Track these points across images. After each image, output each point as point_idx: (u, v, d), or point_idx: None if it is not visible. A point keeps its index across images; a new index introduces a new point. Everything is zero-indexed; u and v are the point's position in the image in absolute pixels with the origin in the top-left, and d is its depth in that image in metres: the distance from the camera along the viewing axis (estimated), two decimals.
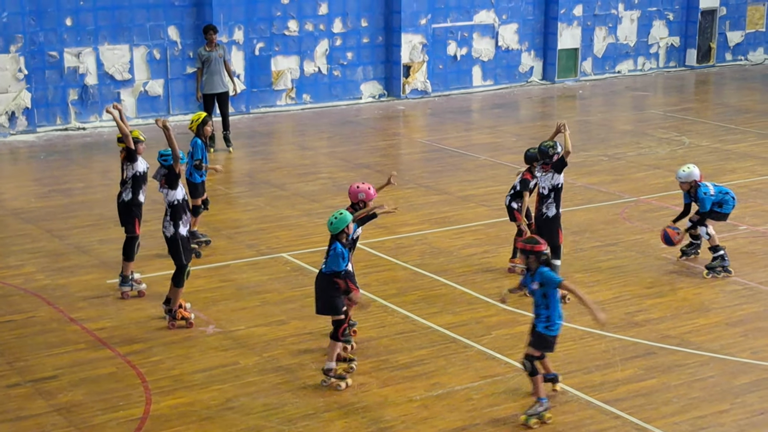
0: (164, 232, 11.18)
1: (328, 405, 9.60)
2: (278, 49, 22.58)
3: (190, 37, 21.49)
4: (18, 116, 20.02)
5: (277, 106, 22.73)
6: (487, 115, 22.98)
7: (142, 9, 21.07)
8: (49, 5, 20.23)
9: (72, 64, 20.56)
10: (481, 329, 11.29)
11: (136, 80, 21.22)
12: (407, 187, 16.75)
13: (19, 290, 12.31)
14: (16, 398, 9.66)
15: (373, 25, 23.61)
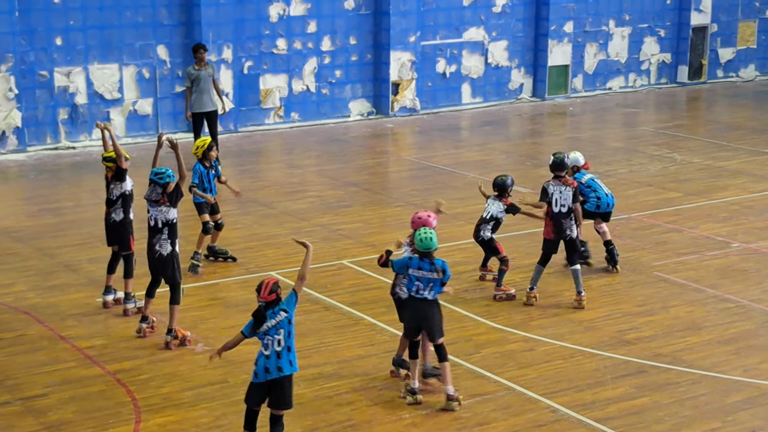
0: (159, 251, 11.14)
1: (317, 423, 9.58)
2: (267, 68, 22.60)
3: (179, 56, 21.50)
4: (8, 135, 19.99)
5: (265, 124, 22.74)
6: (476, 132, 23.02)
7: (132, 28, 21.08)
8: (40, 25, 20.24)
9: (62, 84, 20.55)
10: (470, 347, 11.27)
11: (125, 99, 21.22)
12: (396, 205, 16.75)
13: (9, 308, 12.31)
14: (6, 416, 9.68)
15: (362, 43, 23.65)
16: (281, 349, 8.54)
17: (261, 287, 8.57)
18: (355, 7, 23.45)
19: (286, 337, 8.55)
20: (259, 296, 8.55)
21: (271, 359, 8.53)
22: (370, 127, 23.20)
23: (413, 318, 10.00)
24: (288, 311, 8.58)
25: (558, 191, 12.45)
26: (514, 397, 10.15)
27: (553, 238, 12.51)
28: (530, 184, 18.17)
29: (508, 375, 10.59)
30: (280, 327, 8.54)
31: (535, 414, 9.82)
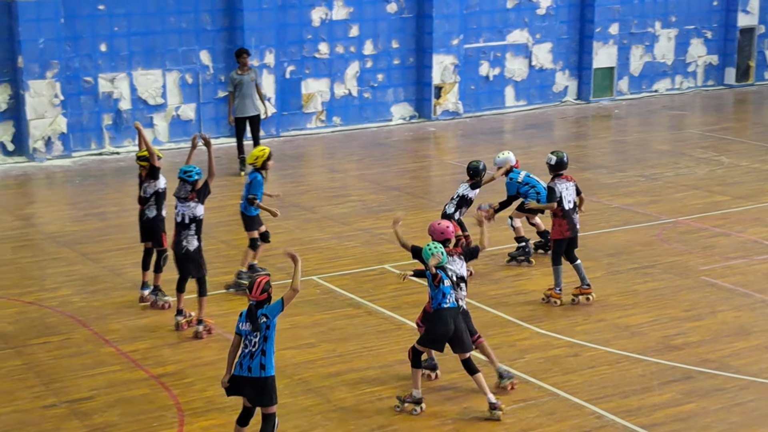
0: (186, 246, 11.45)
1: (359, 427, 9.54)
2: (309, 72, 22.62)
3: (222, 61, 21.58)
4: (54, 141, 20.16)
5: (307, 128, 22.76)
6: (520, 135, 22.88)
7: (175, 34, 21.18)
8: (85, 31, 20.39)
9: (106, 90, 20.70)
10: (513, 353, 11.18)
11: (168, 105, 21.32)
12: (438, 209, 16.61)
13: (56, 312, 12.41)
14: (53, 419, 9.75)
15: (405, 47, 23.61)
16: (255, 351, 8.58)
17: (253, 286, 8.62)
18: (398, 10, 23.42)
19: (261, 341, 8.58)
20: (250, 295, 8.61)
21: (245, 358, 8.61)
22: (412, 130, 23.14)
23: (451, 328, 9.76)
24: (269, 317, 8.61)
25: (565, 188, 12.49)
26: (559, 402, 10.04)
27: (568, 237, 12.52)
28: None
29: (553, 380, 10.49)
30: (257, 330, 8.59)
31: (579, 420, 9.71)
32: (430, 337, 9.82)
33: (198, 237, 11.51)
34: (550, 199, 12.48)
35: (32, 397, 10.17)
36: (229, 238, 15.31)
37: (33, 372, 10.73)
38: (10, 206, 17.42)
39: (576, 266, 12.62)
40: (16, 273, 13.91)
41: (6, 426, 9.58)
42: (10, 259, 14.45)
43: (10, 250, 14.85)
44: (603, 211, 16.65)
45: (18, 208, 17.32)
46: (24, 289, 13.23)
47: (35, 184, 19.05)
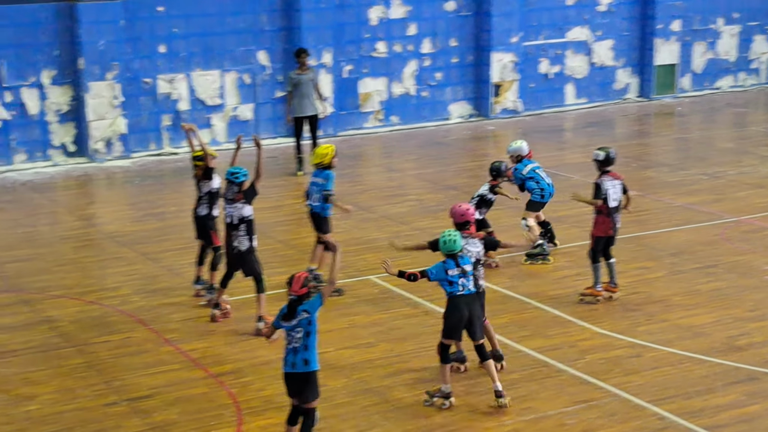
0: (237, 247, 11.58)
1: (418, 428, 9.48)
2: (366, 71, 22.60)
3: (280, 61, 21.63)
4: (114, 142, 20.34)
5: (364, 128, 22.73)
6: (580, 133, 22.67)
7: (233, 35, 21.27)
8: (144, 33, 20.55)
9: (165, 91, 20.85)
10: (574, 353, 11.05)
11: (226, 105, 21.43)
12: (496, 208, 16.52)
13: (116, 311, 12.51)
14: (114, 416, 9.85)
15: (463, 45, 23.50)
16: (299, 347, 8.60)
17: (292, 281, 8.61)
18: (456, 8, 23.32)
19: (304, 337, 8.59)
20: (290, 290, 8.60)
21: (289, 355, 8.63)
22: (470, 129, 23.02)
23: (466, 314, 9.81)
24: (310, 313, 8.61)
25: (611, 186, 12.32)
26: (620, 403, 9.91)
27: (610, 235, 12.39)
28: (636, 186, 17.82)
29: (614, 381, 10.35)
30: (299, 326, 8.59)
31: (641, 421, 9.57)
32: (447, 326, 9.84)
33: (249, 237, 11.61)
34: (596, 195, 12.32)
35: (94, 394, 10.27)
36: (287, 238, 15.33)
37: (94, 370, 10.84)
38: (72, 207, 17.61)
39: (610, 264, 12.50)
40: (77, 272, 14.06)
41: (68, 423, 9.68)
42: (71, 259, 14.60)
43: (71, 250, 15.01)
44: (665, 210, 16.43)
45: (79, 209, 17.50)
46: (85, 288, 13.37)
47: (96, 184, 19.24)
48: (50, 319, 12.24)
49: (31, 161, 20.03)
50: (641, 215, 16.22)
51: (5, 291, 13.24)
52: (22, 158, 19.97)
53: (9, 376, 10.71)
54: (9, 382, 10.55)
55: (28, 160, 20.02)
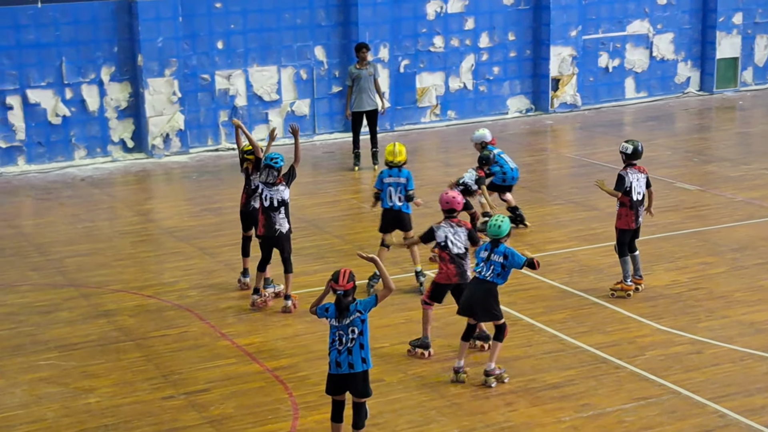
0: (279, 229, 12.08)
1: (474, 424, 9.41)
2: (423, 66, 22.52)
3: (336, 56, 21.64)
4: (172, 138, 20.48)
5: (421, 123, 22.66)
6: (640, 128, 22.39)
7: (290, 30, 21.32)
8: (202, 29, 20.67)
9: (223, 86, 20.95)
10: (633, 349, 10.91)
11: (283, 101, 21.48)
12: (555, 203, 16.41)
13: (173, 306, 12.59)
14: (171, 410, 9.90)
15: (521, 39, 23.33)
16: (353, 346, 8.57)
17: (339, 276, 8.58)
18: (514, 2, 23.15)
19: (358, 335, 8.56)
20: (337, 285, 8.56)
21: (343, 355, 8.58)
22: (528, 123, 22.86)
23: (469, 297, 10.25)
24: (363, 312, 8.60)
25: (636, 179, 12.24)
26: (680, 401, 9.76)
27: (633, 228, 12.30)
28: (697, 182, 17.60)
29: (674, 378, 10.19)
30: (353, 325, 8.56)
31: (701, 419, 9.41)
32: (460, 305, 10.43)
33: (288, 219, 12.16)
34: (618, 187, 12.23)
35: (151, 388, 10.34)
36: (343, 233, 15.32)
37: (152, 364, 10.91)
38: (130, 202, 17.76)
39: (634, 257, 12.43)
40: (135, 267, 14.16)
41: (126, 416, 9.77)
42: (130, 254, 14.72)
43: (129, 245, 15.13)
44: (727, 204, 16.18)
45: (137, 204, 17.64)
46: (143, 282, 13.47)
47: (154, 180, 19.39)
48: (109, 313, 12.35)
49: (90, 157, 20.24)
50: (702, 210, 16.01)
51: (65, 285, 13.38)
52: (81, 154, 20.19)
53: (69, 369, 10.83)
54: (69, 375, 10.67)
55: (87, 155, 20.24)
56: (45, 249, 14.89)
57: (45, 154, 19.93)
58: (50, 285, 13.38)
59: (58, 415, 9.82)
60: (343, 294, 8.58)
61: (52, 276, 13.73)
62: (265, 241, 12.25)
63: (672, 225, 15.14)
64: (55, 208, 17.21)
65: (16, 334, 11.78)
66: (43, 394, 10.27)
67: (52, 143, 19.95)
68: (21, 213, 17.19)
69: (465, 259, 10.71)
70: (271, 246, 12.24)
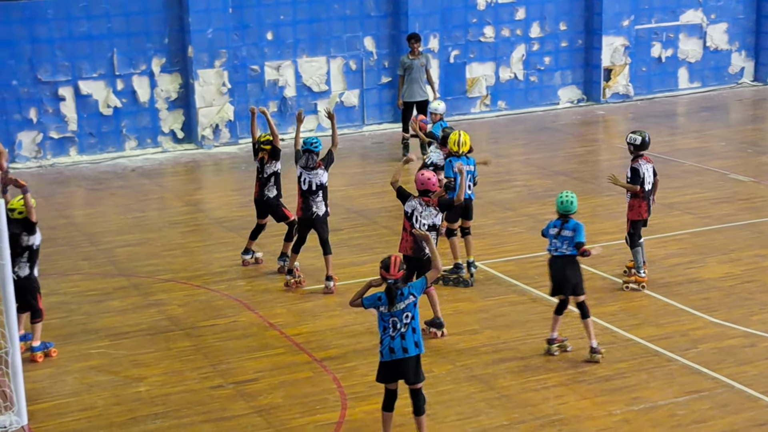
0: (315, 211, 12.31)
1: (523, 416, 9.33)
2: (473, 56, 22.39)
3: (386, 47, 21.56)
4: (221, 129, 20.54)
5: (471, 113, 22.53)
6: (693, 118, 22.11)
7: (340, 21, 21.28)
8: (252, 20, 20.69)
9: (272, 77, 20.97)
10: (686, 342, 10.77)
11: (332, 91, 21.46)
12: (606, 195, 16.24)
13: (223, 296, 12.62)
14: (219, 399, 9.95)
15: (572, 29, 23.10)
16: (406, 331, 8.55)
17: (390, 265, 8.57)
18: None
19: (411, 320, 8.56)
20: (388, 273, 8.55)
21: (396, 340, 8.55)
22: (580, 114, 22.65)
23: (555, 276, 10.48)
24: (416, 296, 8.61)
25: (646, 169, 12.17)
26: (733, 394, 9.62)
27: (644, 218, 12.24)
28: (751, 173, 17.34)
29: (727, 372, 10.05)
30: (407, 310, 8.54)
31: (754, 412, 9.27)
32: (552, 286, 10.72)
33: (325, 202, 12.35)
34: (634, 180, 12.10)
35: (201, 377, 10.39)
36: (391, 224, 15.26)
37: (201, 353, 10.95)
38: (180, 192, 17.84)
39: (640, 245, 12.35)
40: (185, 257, 14.22)
41: (176, 405, 9.82)
42: (179, 244, 14.78)
43: (179, 235, 15.20)
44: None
45: (187, 194, 17.72)
46: (193, 272, 13.52)
47: (203, 170, 19.46)
48: (159, 303, 12.42)
49: (141, 148, 20.36)
50: (756, 202, 15.77)
51: (116, 275, 13.47)
52: (132, 144, 20.31)
53: (119, 358, 10.92)
54: (119, 364, 10.75)
55: (138, 146, 20.35)
56: (96, 239, 15.01)
57: (96, 145, 20.07)
58: (101, 274, 13.49)
59: (109, 404, 9.90)
60: (393, 282, 8.54)
61: (103, 265, 13.84)
62: (303, 223, 12.54)
63: (726, 217, 14.93)
64: (106, 199, 17.34)
65: (68, 322, 11.89)
66: (93, 382, 10.37)
67: (103, 134, 20.09)
68: (73, 203, 17.34)
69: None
70: (308, 228, 12.53)
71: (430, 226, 10.94)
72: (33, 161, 19.58)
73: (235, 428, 9.37)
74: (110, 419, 9.60)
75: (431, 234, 10.70)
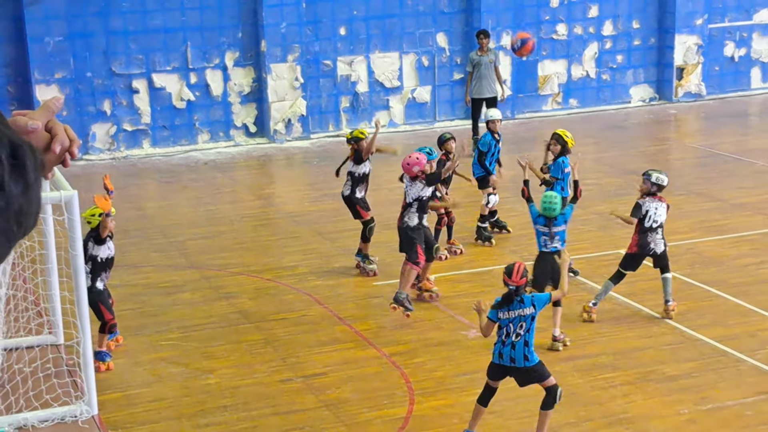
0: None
1: (591, 414, 9.32)
2: (546, 54, 22.31)
3: (458, 43, 21.58)
4: (294, 123, 20.72)
5: (543, 111, 22.45)
6: (766, 118, 21.80)
7: (412, 17, 21.33)
8: (325, 15, 20.82)
9: (344, 72, 21.08)
10: (755, 343, 10.66)
11: (404, 87, 21.52)
12: (677, 194, 16.09)
13: (293, 290, 12.71)
14: (289, 392, 9.99)
15: (645, 27, 22.91)
16: (518, 341, 8.47)
17: (513, 271, 8.54)
18: None
19: (525, 332, 8.46)
20: (510, 279, 8.53)
21: (506, 348, 8.49)
22: (652, 113, 22.45)
23: (543, 271, 10.67)
24: (537, 309, 8.54)
25: (654, 207, 11.26)
26: None
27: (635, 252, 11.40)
28: None
29: None
30: (523, 320, 8.46)
31: None
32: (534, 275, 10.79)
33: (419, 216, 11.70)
34: (636, 214, 11.31)
35: (270, 370, 10.46)
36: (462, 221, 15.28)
37: (271, 346, 11.03)
38: (252, 186, 18.04)
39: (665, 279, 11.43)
40: (256, 251, 14.38)
41: (246, 397, 9.89)
42: (251, 237, 14.95)
43: (251, 229, 15.37)
44: None
45: (259, 188, 17.91)
46: (263, 266, 13.64)
47: (275, 164, 19.64)
48: (229, 296, 12.55)
49: (213, 141, 20.61)
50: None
51: (188, 267, 13.65)
52: (205, 138, 20.57)
53: (190, 350, 11.03)
54: (189, 356, 10.86)
55: (210, 140, 20.60)
56: (168, 231, 15.22)
57: (169, 138, 20.36)
58: (173, 267, 13.67)
59: (179, 395, 9.99)
60: (515, 290, 8.55)
61: (175, 258, 14.02)
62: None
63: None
64: (179, 191, 17.58)
65: (140, 314, 12.06)
66: (164, 373, 10.47)
67: (176, 127, 20.36)
68: (145, 195, 17.59)
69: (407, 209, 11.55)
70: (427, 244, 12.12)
71: (415, 199, 11.44)
72: (106, 153, 19.91)
73: (303, 421, 9.41)
74: (180, 410, 9.67)
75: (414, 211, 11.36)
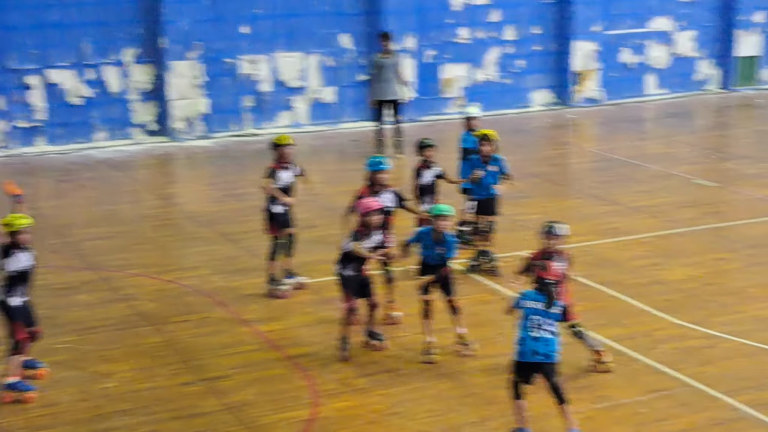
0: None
1: (493, 414, 9.48)
2: (448, 57, 22.55)
3: (363, 45, 21.66)
4: (195, 122, 20.55)
5: (445, 114, 22.68)
6: (660, 124, 22.42)
7: (316, 17, 21.34)
8: (227, 13, 20.65)
9: (247, 71, 20.99)
10: (649, 342, 10.98)
11: (308, 88, 21.52)
12: (576, 197, 16.48)
13: (194, 291, 12.58)
14: (190, 396, 9.88)
15: (546, 33, 23.33)
16: (541, 336, 8.65)
17: (546, 267, 8.78)
18: None
19: (552, 326, 8.69)
20: (544, 273, 8.71)
21: (534, 342, 8.66)
22: (551, 117, 22.87)
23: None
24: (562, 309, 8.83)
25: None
26: (694, 394, 9.83)
27: None
28: (716, 178, 17.61)
29: (688, 372, 10.26)
30: (550, 317, 8.67)
31: (714, 412, 9.50)
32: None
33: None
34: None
35: (170, 374, 10.32)
36: None
37: (172, 349, 10.89)
38: (152, 185, 17.84)
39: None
40: (156, 252, 14.22)
41: (145, 401, 9.74)
42: (150, 238, 14.78)
43: (150, 229, 15.20)
44: (744, 201, 16.22)
45: (159, 188, 17.72)
46: (164, 267, 13.47)
47: (176, 164, 19.46)
48: (129, 298, 12.34)
49: (111, 139, 20.28)
50: (719, 207, 16.04)
51: (84, 268, 13.39)
52: (102, 136, 20.24)
53: (87, 353, 10.80)
54: (87, 359, 10.63)
55: (108, 138, 20.27)
56: (64, 231, 14.92)
57: (65, 136, 19.95)
58: (69, 268, 13.39)
59: (75, 399, 9.76)
60: (553, 284, 8.70)
61: (71, 259, 13.73)
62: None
63: (689, 221, 15.19)
64: (75, 190, 17.26)
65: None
66: (59, 377, 10.19)
67: (73, 124, 19.96)
68: (40, 194, 17.15)
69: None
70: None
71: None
72: None
73: (205, 425, 9.31)
74: (76, 415, 9.45)
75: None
